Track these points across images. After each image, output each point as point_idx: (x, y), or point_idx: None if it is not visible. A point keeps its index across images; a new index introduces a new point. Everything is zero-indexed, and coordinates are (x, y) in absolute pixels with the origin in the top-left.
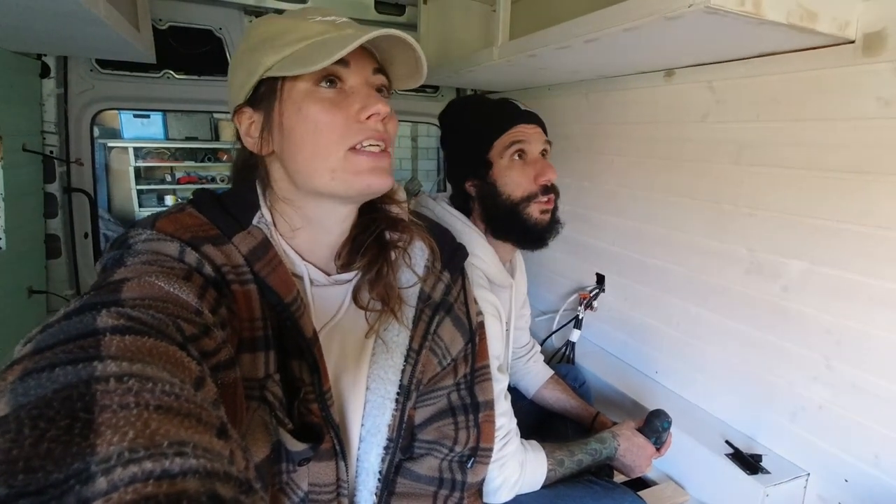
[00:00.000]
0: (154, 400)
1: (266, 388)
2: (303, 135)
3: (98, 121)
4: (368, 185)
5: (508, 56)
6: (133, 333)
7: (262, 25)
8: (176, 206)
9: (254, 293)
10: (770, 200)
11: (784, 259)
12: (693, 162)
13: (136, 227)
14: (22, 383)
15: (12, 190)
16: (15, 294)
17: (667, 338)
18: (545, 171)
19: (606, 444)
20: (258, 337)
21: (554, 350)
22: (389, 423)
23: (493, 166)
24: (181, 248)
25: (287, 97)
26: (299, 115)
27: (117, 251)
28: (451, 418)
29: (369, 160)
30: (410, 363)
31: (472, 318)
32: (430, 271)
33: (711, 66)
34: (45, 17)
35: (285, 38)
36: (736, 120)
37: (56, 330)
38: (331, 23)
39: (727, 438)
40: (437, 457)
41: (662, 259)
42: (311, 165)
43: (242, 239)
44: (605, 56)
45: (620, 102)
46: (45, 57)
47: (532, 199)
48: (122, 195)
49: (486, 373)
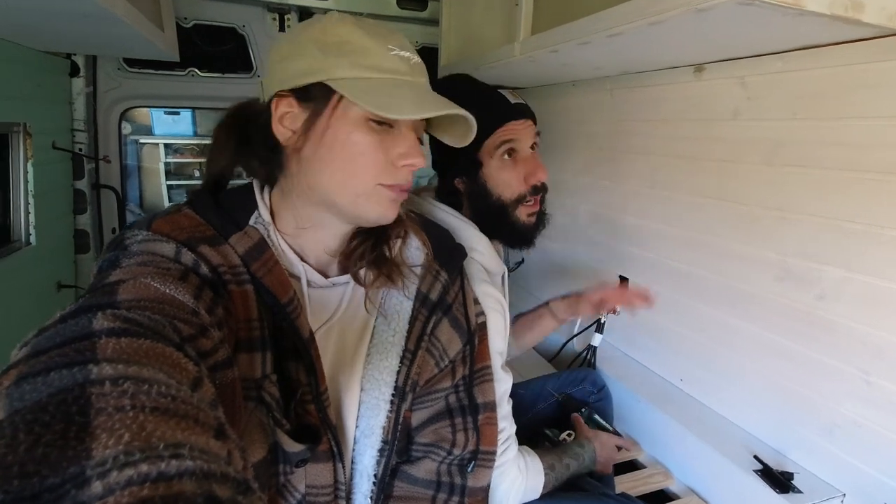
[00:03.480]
0: (150, 402)
1: (263, 389)
2: (341, 156)
3: (130, 117)
4: (383, 215)
5: (530, 52)
6: (129, 335)
7: (344, 26)
8: (173, 207)
9: (250, 293)
10: (804, 203)
11: (819, 266)
12: (722, 162)
13: (133, 228)
14: (17, 388)
15: (42, 187)
16: (45, 288)
17: (692, 345)
18: (536, 171)
19: (585, 448)
20: (255, 337)
21: (574, 354)
22: (384, 424)
23: (482, 166)
24: (177, 249)
25: (341, 115)
26: (346, 139)
27: (113, 252)
28: (447, 420)
29: (392, 196)
30: (406, 364)
31: (470, 319)
32: (427, 270)
33: (744, 61)
34: (66, 18)
35: (364, 60)
36: (769, 118)
37: (52, 333)
38: (406, 60)
39: (755, 453)
40: (435, 460)
41: (688, 263)
42: (338, 186)
43: (239, 239)
44: (630, 51)
45: (646, 99)
46: (74, 56)
47: (521, 202)
48: (153, 191)
49: (486, 374)
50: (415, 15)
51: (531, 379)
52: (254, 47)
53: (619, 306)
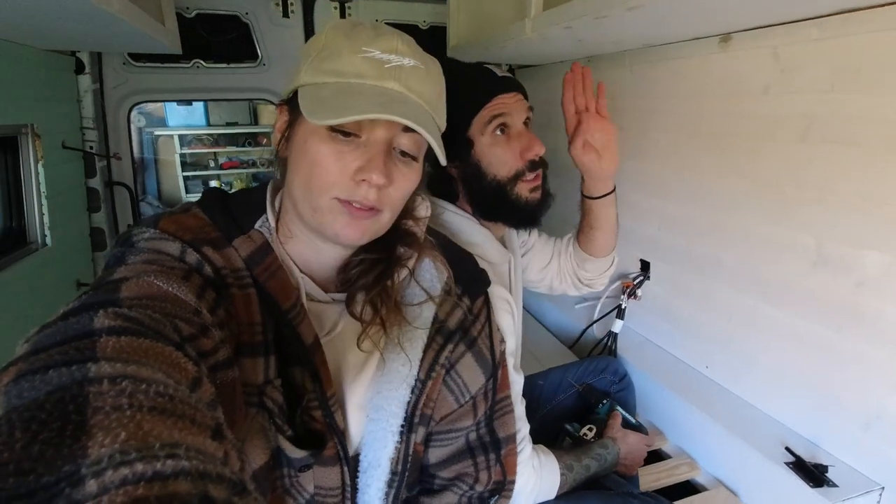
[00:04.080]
0: (148, 401)
1: (265, 395)
2: (300, 167)
3: (144, 110)
4: (337, 234)
5: (542, 29)
6: (129, 334)
7: (331, 33)
8: (182, 207)
9: (253, 297)
10: (843, 184)
11: (859, 250)
12: (751, 140)
13: (140, 226)
14: (16, 385)
15: (55, 187)
16: (63, 288)
17: (719, 331)
18: (531, 145)
19: (609, 450)
20: (257, 342)
21: (595, 341)
22: (392, 456)
23: (474, 145)
24: (182, 248)
25: (302, 122)
26: (304, 149)
27: (120, 249)
28: (469, 459)
29: (349, 215)
30: (416, 394)
31: (495, 351)
32: (446, 296)
33: (777, 29)
34: (64, 17)
35: (325, 64)
36: (804, 91)
37: (53, 331)
38: (380, 63)
39: (787, 445)
40: (457, 493)
41: (715, 247)
42: (301, 197)
43: (242, 243)
44: (651, 24)
45: (668, 74)
46: (78, 54)
47: (520, 178)
48: (170, 182)
49: (507, 406)
50: None
51: (551, 369)
52: (258, 35)
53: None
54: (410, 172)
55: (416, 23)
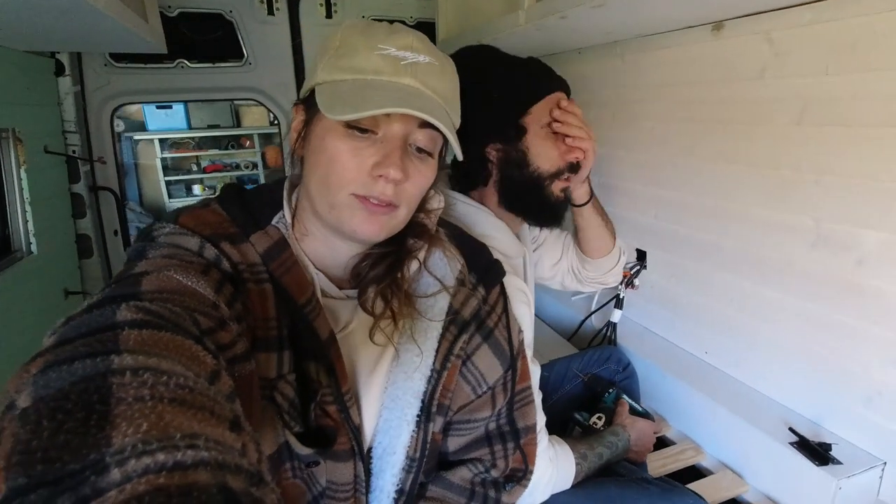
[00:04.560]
0: (168, 393)
1: (276, 389)
2: (318, 163)
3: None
4: (354, 230)
5: (536, 19)
6: (150, 327)
7: (346, 31)
8: (201, 202)
9: (269, 292)
10: (840, 164)
11: (857, 229)
12: (747, 124)
13: (161, 221)
14: (43, 376)
15: (38, 193)
16: (52, 297)
17: (718, 316)
18: (577, 148)
19: (619, 437)
20: (272, 337)
21: (594, 331)
22: (408, 444)
23: (527, 133)
24: (201, 243)
25: (320, 120)
26: (321, 145)
27: (141, 243)
28: (487, 447)
29: (366, 210)
30: (432, 384)
31: (513, 342)
32: (460, 286)
33: (769, 14)
34: (47, 12)
35: (342, 61)
36: (799, 74)
37: (77, 323)
38: (396, 60)
39: (790, 425)
40: (472, 471)
41: (712, 232)
42: (318, 194)
43: (259, 238)
44: (645, 12)
45: (661, 62)
46: (58, 55)
47: (558, 176)
48: (152, 187)
49: (527, 396)
50: None
51: (554, 360)
52: (242, 33)
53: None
54: (426, 169)
55: (403, 18)
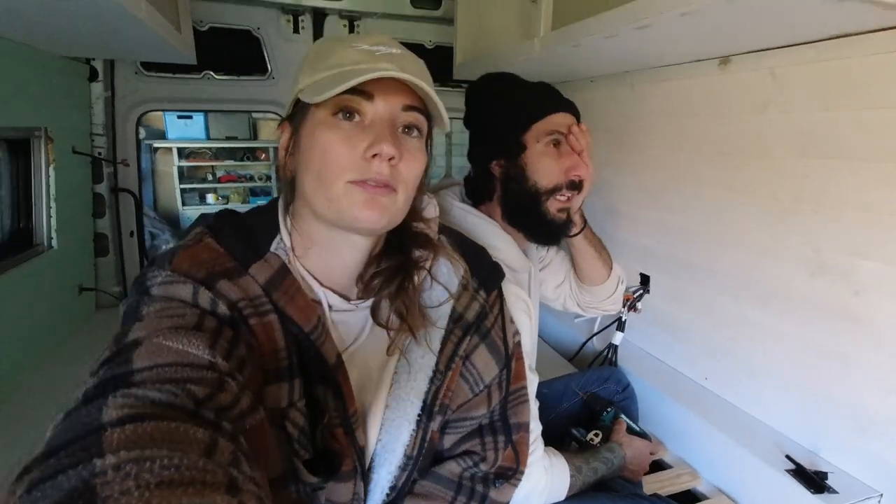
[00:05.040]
0: (154, 478)
1: (287, 418)
2: (311, 160)
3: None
4: (356, 217)
5: (550, 47)
6: (136, 421)
7: (319, 44)
8: (195, 236)
9: (274, 323)
10: (839, 196)
11: (856, 260)
12: (750, 156)
13: (154, 266)
14: (29, 496)
15: (63, 191)
16: (66, 291)
17: (718, 342)
18: (578, 165)
19: (615, 454)
20: (282, 367)
21: (595, 353)
22: (407, 442)
23: (525, 150)
24: (194, 290)
25: (308, 121)
26: (312, 141)
27: (136, 298)
28: (478, 438)
29: (365, 193)
30: (435, 384)
31: (508, 343)
32: (463, 290)
33: (774, 52)
34: (90, 20)
35: (322, 63)
36: (801, 109)
37: (67, 426)
38: (370, 53)
39: (787, 453)
40: (460, 465)
41: (714, 260)
42: (315, 191)
43: (259, 268)
44: (656, 44)
45: (669, 93)
46: (93, 61)
47: (555, 193)
48: (167, 194)
49: (522, 395)
50: (429, 14)
51: (554, 378)
52: (268, 49)
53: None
54: (417, 151)
55: (423, 42)
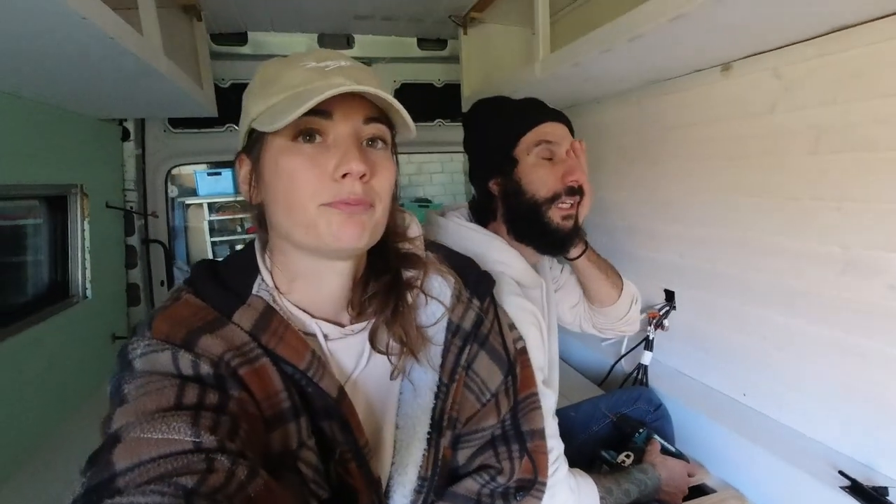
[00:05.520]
0: None
1: (299, 458)
2: (278, 190)
3: (178, 182)
4: (336, 237)
5: (551, 69)
6: None
7: (262, 70)
8: (174, 293)
9: (267, 367)
10: (860, 189)
11: (885, 253)
12: (763, 157)
13: (137, 334)
14: None
15: (97, 243)
16: (101, 340)
17: (753, 354)
18: (573, 170)
19: (649, 475)
20: (284, 410)
21: (624, 375)
22: (420, 463)
23: (518, 163)
24: (174, 356)
25: (268, 149)
26: (276, 170)
27: (119, 374)
28: (491, 450)
29: (341, 213)
30: (441, 398)
31: (509, 348)
32: (457, 300)
33: (774, 53)
34: (116, 79)
35: (271, 88)
36: (809, 105)
37: None
38: (320, 70)
39: (839, 468)
40: (478, 482)
41: (739, 267)
42: (288, 221)
43: (243, 314)
44: (653, 55)
45: (674, 105)
46: (125, 122)
47: (555, 201)
48: (199, 248)
49: (533, 402)
50: (435, 54)
51: (582, 400)
52: None
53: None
54: (386, 161)
55: (432, 81)
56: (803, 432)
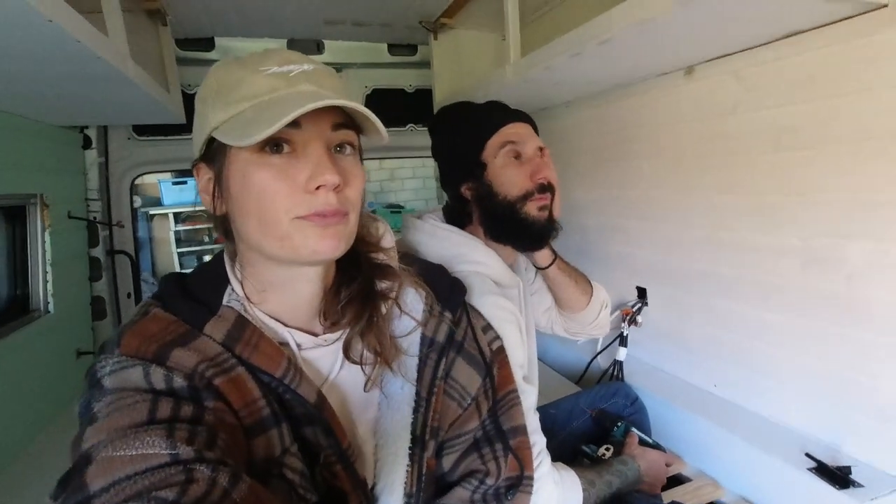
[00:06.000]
0: None
1: (284, 465)
2: (248, 203)
3: (141, 191)
4: (314, 251)
5: (522, 73)
6: None
7: (217, 73)
8: (142, 309)
9: (243, 377)
10: (819, 182)
11: (846, 243)
12: (728, 156)
13: (105, 352)
14: None
15: (59, 255)
16: (64, 356)
17: (724, 346)
18: (541, 168)
19: (629, 466)
20: (264, 417)
21: (601, 371)
22: (405, 479)
23: (487, 167)
24: (145, 371)
25: (233, 161)
26: (244, 183)
27: (88, 393)
28: (475, 452)
29: (317, 227)
30: (420, 412)
31: (484, 351)
32: (429, 314)
33: (735, 56)
34: (81, 83)
35: (233, 94)
36: (769, 106)
37: None
38: (284, 76)
39: (807, 451)
40: (468, 488)
41: (708, 262)
42: (258, 234)
43: (214, 326)
44: (621, 59)
45: (641, 106)
46: (86, 130)
47: (529, 198)
48: (165, 259)
49: (512, 399)
50: (406, 60)
51: (561, 398)
52: None
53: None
54: (356, 168)
55: (403, 87)
56: (772, 419)
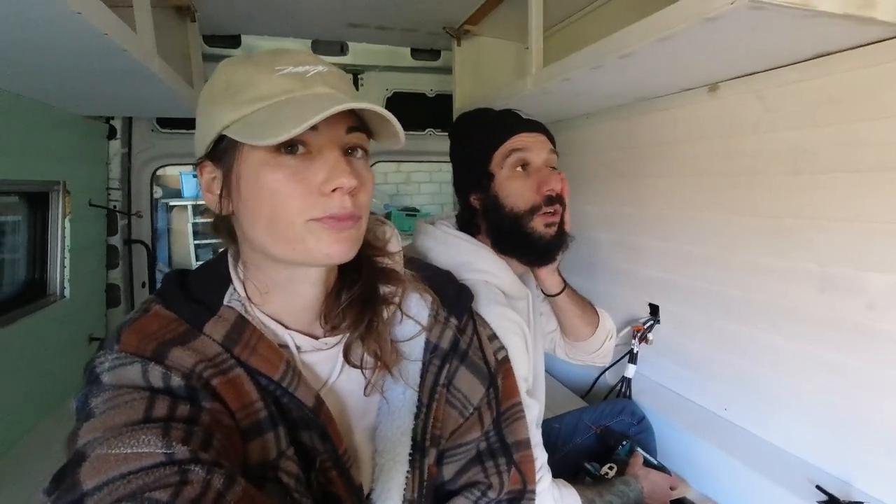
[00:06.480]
0: None
1: (280, 469)
2: (259, 204)
3: (162, 182)
4: (327, 254)
5: (543, 83)
6: None
7: (227, 70)
8: (142, 306)
9: (241, 378)
10: (838, 209)
11: (864, 273)
12: (746, 176)
13: (104, 348)
14: None
15: (78, 242)
16: (77, 342)
17: (734, 370)
18: (549, 180)
19: (631, 487)
20: (261, 420)
21: (608, 387)
22: (404, 485)
23: (494, 178)
24: (143, 369)
25: (245, 161)
26: (256, 184)
27: (86, 389)
28: (479, 466)
29: (331, 230)
30: (421, 419)
31: (489, 361)
32: (434, 320)
33: (759, 76)
34: (107, 76)
35: (246, 94)
36: (790, 127)
37: None
38: (299, 77)
39: (817, 483)
40: (469, 498)
41: (722, 284)
42: (268, 235)
43: (214, 326)
44: (643, 73)
45: (662, 123)
46: (112, 120)
47: (536, 212)
48: (182, 251)
49: (516, 412)
50: (428, 64)
51: (566, 412)
52: None
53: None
54: (368, 172)
55: (424, 91)
56: (783, 447)
